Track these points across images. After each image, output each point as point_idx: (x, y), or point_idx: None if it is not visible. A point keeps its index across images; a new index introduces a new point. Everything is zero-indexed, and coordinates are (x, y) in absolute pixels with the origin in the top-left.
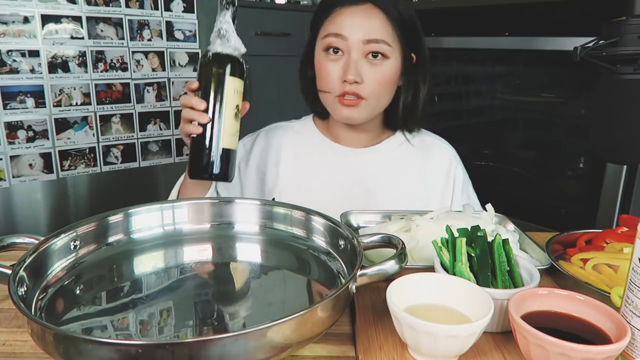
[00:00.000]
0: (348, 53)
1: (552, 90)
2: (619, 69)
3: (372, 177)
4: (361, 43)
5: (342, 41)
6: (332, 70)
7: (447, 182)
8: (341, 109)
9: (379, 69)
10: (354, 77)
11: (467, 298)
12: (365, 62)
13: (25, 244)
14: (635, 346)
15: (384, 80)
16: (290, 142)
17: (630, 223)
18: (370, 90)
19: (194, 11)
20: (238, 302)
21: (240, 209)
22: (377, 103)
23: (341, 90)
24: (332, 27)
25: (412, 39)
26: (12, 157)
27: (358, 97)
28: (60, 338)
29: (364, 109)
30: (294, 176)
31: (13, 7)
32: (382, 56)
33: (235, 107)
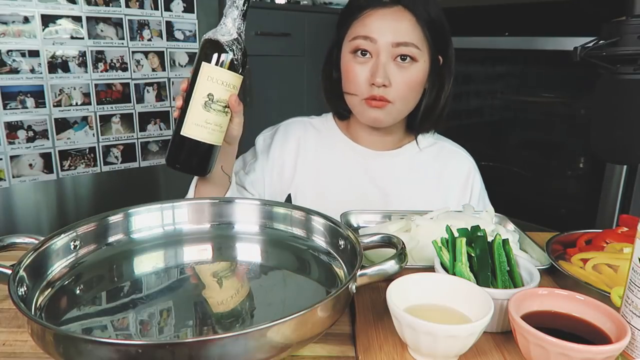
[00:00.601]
0: (377, 56)
1: (552, 90)
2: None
3: (390, 181)
4: (390, 46)
5: (370, 44)
6: (359, 72)
7: (465, 191)
8: (369, 111)
9: (407, 73)
10: (383, 81)
11: (467, 298)
12: (394, 65)
13: (25, 244)
14: (635, 346)
15: (411, 83)
16: (309, 138)
17: (630, 223)
18: (398, 93)
19: (194, 11)
20: (238, 302)
21: (240, 209)
22: (404, 107)
23: (369, 93)
24: (361, 30)
25: (440, 41)
26: (12, 157)
27: (385, 100)
28: (60, 338)
29: (391, 113)
30: (312, 174)
31: (13, 7)
32: (411, 59)
33: (206, 96)
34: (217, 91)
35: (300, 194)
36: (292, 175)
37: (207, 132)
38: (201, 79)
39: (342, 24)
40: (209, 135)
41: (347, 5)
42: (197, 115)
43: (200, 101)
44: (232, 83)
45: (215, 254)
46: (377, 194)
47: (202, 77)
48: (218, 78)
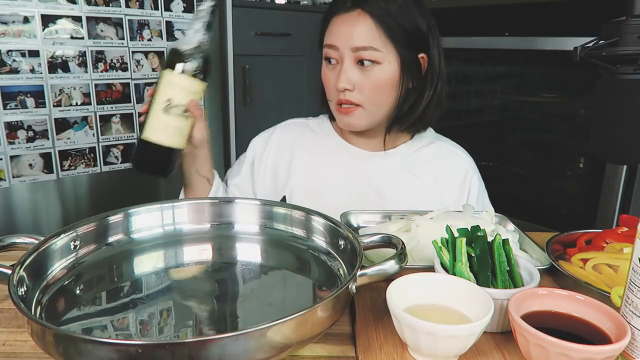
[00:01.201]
0: (341, 62)
1: (552, 90)
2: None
3: (384, 181)
4: (350, 50)
5: (334, 51)
6: (330, 79)
7: (462, 191)
8: (340, 117)
9: (371, 75)
10: (344, 85)
11: (467, 298)
12: (357, 69)
13: (25, 244)
14: (635, 346)
15: (377, 86)
16: (305, 139)
17: (630, 223)
18: (364, 96)
19: (193, 11)
20: (238, 302)
21: (240, 209)
22: (375, 109)
23: (337, 98)
24: (327, 38)
25: (415, 42)
26: (12, 157)
27: (352, 104)
28: (60, 338)
29: (362, 116)
30: (306, 175)
31: (13, 7)
32: (373, 62)
33: (165, 100)
34: (176, 96)
35: (295, 195)
36: (286, 176)
37: (166, 135)
38: (162, 85)
39: (320, 32)
40: (168, 138)
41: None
42: (156, 119)
43: (160, 105)
44: (192, 89)
45: (215, 254)
46: (372, 194)
47: (163, 84)
48: (178, 84)
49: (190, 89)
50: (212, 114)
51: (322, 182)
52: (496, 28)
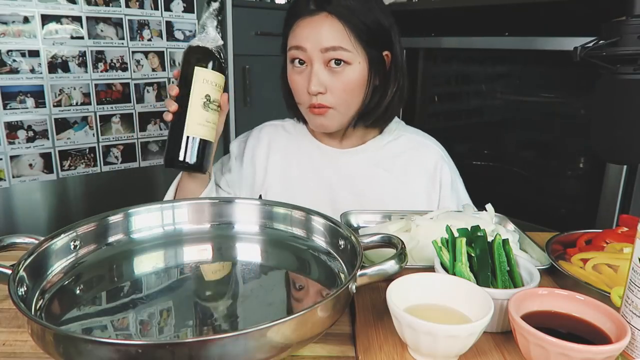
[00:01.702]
0: (310, 64)
1: (552, 90)
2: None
3: (357, 177)
4: (319, 52)
5: (302, 53)
6: (299, 82)
7: (433, 180)
8: (313, 118)
9: (342, 76)
10: (317, 89)
11: (467, 298)
12: (327, 71)
13: (25, 244)
14: (635, 346)
15: (348, 87)
16: (279, 140)
17: (630, 223)
18: (336, 98)
19: (194, 11)
20: (238, 302)
21: (240, 209)
22: (346, 110)
23: (309, 101)
24: (292, 40)
25: (379, 40)
26: (12, 157)
27: (325, 107)
28: (60, 338)
29: (335, 117)
30: (281, 175)
31: (13, 7)
32: (344, 62)
33: (204, 97)
34: (212, 92)
35: (270, 194)
36: (263, 177)
37: (207, 130)
38: (197, 82)
39: (283, 36)
40: (209, 133)
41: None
42: (198, 115)
43: (200, 102)
44: (221, 84)
45: (215, 254)
46: (345, 191)
47: (198, 80)
48: (212, 80)
49: (221, 84)
50: None
51: (296, 180)
52: (496, 28)
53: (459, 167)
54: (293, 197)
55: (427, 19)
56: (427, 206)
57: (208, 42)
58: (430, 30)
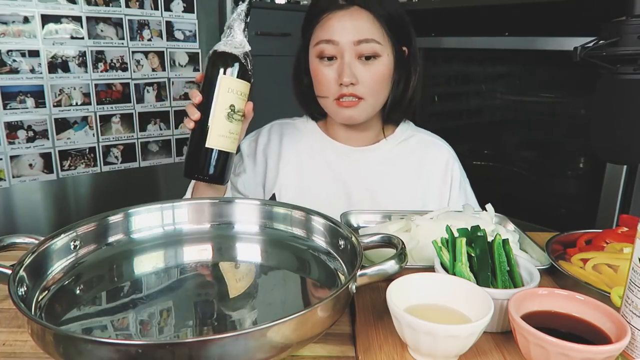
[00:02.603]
0: (341, 56)
1: (552, 90)
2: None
3: (371, 175)
4: (352, 44)
5: (333, 46)
6: (328, 75)
7: (445, 179)
8: (342, 111)
9: (373, 68)
10: (350, 79)
11: (467, 298)
12: (359, 63)
13: (25, 244)
14: (635, 346)
15: (378, 78)
16: (291, 138)
17: (630, 223)
18: (367, 89)
19: (194, 11)
20: (238, 302)
21: (240, 209)
22: (375, 101)
23: (339, 93)
24: (322, 34)
25: (402, 34)
26: (12, 157)
27: (356, 97)
28: (60, 338)
29: (364, 109)
30: (295, 173)
31: (13, 7)
32: (375, 56)
33: (228, 107)
34: (236, 102)
35: (284, 193)
36: (275, 175)
37: (230, 142)
38: (221, 91)
39: (306, 30)
40: (232, 145)
41: (307, 12)
42: (221, 126)
43: (223, 113)
44: (246, 92)
45: (215, 254)
46: (360, 189)
47: (222, 90)
48: (237, 89)
49: (246, 92)
50: None
51: (311, 179)
52: (496, 28)
53: None
54: (309, 195)
55: (427, 19)
56: (438, 205)
57: (234, 47)
58: (430, 30)
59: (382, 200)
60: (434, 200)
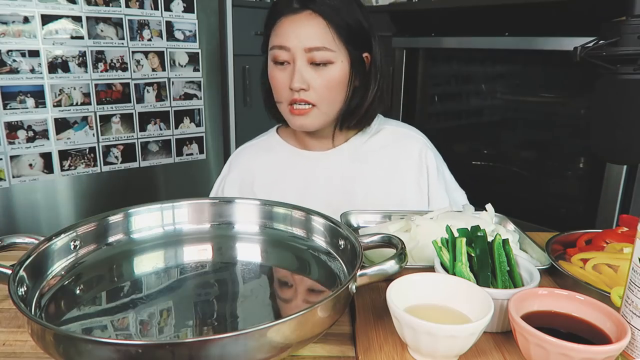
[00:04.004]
0: (293, 62)
1: (552, 90)
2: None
3: (345, 176)
4: (303, 51)
5: (285, 52)
6: (280, 79)
7: (420, 169)
8: (294, 118)
9: (325, 74)
10: (300, 85)
11: (467, 298)
12: (311, 69)
13: (25, 244)
14: (635, 346)
15: (330, 84)
16: (259, 160)
17: (630, 223)
18: (319, 96)
19: (194, 11)
20: (238, 302)
21: (240, 209)
22: (328, 108)
23: (290, 98)
24: (275, 39)
25: (360, 40)
26: (12, 157)
27: (308, 103)
28: (60, 338)
29: (317, 116)
30: (270, 193)
31: (13, 7)
32: (327, 62)
33: None
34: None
35: None
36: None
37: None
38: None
39: (265, 35)
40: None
41: (267, 14)
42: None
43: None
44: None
45: (215, 254)
46: (338, 192)
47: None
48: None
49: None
50: (212, 114)
51: (287, 193)
52: (496, 28)
53: (458, 167)
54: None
55: (427, 19)
56: (417, 195)
57: None
58: (430, 30)
59: (362, 200)
60: (412, 192)
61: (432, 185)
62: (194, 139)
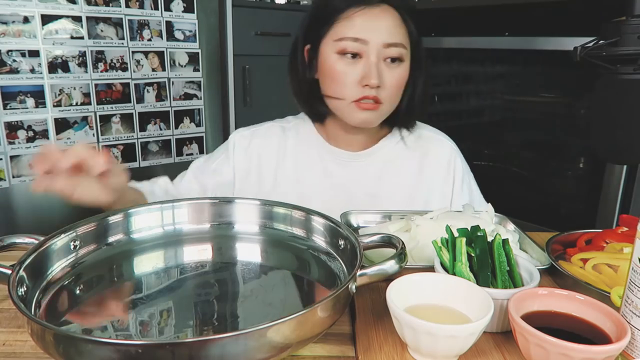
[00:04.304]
0: (367, 57)
1: (552, 90)
2: (619, 69)
3: (372, 179)
4: (381, 47)
5: (361, 45)
6: (349, 74)
7: (447, 175)
8: (358, 113)
9: (396, 72)
10: (377, 82)
11: (467, 298)
12: (384, 66)
13: (25, 244)
14: (635, 346)
15: (399, 83)
16: (288, 145)
17: (630, 223)
18: (389, 94)
19: (194, 11)
20: (238, 302)
21: (240, 209)
22: (391, 107)
23: (360, 94)
24: (348, 30)
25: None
26: (12, 157)
27: (377, 101)
28: (60, 338)
29: (381, 114)
30: (293, 183)
31: (13, 7)
32: (399, 59)
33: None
34: None
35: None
36: (273, 184)
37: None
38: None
39: (321, 23)
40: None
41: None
42: None
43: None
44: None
45: (215, 254)
46: (363, 194)
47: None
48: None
49: None
50: (212, 114)
51: (311, 187)
52: (496, 28)
53: None
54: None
55: (427, 19)
56: (440, 203)
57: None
58: (430, 30)
59: (384, 204)
60: (436, 199)
61: (456, 193)
62: (194, 139)
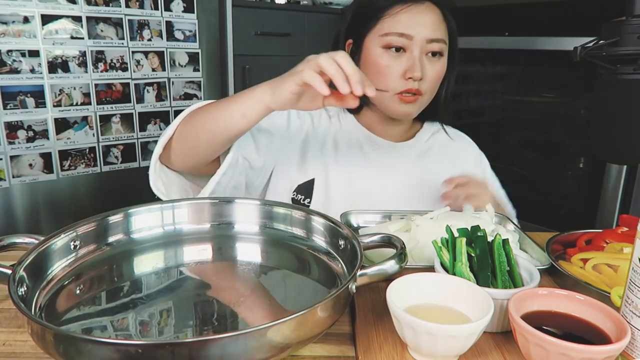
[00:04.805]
0: (410, 51)
1: (552, 90)
2: (619, 69)
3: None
4: (425, 42)
5: (405, 40)
6: (393, 67)
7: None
8: (400, 106)
9: (437, 66)
10: (420, 74)
11: (467, 298)
12: (426, 60)
13: (25, 244)
14: (635, 346)
15: (438, 76)
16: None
17: (630, 223)
18: (429, 86)
19: (194, 11)
20: (238, 302)
21: (240, 209)
22: (429, 99)
23: (403, 87)
24: (394, 26)
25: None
26: (12, 157)
27: (417, 93)
28: (60, 338)
29: (421, 106)
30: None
31: (13, 7)
32: (440, 54)
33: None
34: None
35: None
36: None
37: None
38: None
39: (366, 20)
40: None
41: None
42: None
43: None
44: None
45: (215, 254)
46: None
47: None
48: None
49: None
50: None
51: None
52: (496, 28)
53: None
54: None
55: None
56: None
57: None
58: None
59: (426, 193)
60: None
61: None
62: None
